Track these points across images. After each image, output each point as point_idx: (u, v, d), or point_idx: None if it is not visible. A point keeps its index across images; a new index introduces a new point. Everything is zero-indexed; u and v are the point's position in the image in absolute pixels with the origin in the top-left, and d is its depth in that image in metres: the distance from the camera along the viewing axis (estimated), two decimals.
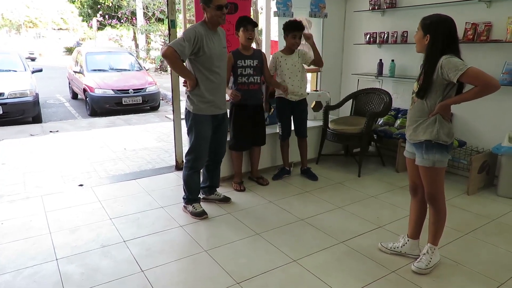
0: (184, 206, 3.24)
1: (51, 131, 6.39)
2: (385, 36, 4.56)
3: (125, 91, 8.42)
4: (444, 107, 2.17)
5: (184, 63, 2.89)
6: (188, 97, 2.99)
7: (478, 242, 2.78)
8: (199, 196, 3.24)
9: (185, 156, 3.13)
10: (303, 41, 3.71)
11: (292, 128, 3.95)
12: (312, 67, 3.94)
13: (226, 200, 3.42)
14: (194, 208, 3.14)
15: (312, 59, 3.75)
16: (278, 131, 3.93)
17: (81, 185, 3.86)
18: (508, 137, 3.51)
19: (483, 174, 3.71)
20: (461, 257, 2.58)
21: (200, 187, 3.30)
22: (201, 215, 3.11)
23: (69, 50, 25.59)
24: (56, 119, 7.95)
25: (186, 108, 3.04)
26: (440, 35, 2.11)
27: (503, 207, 3.35)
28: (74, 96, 10.28)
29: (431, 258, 2.39)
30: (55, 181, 3.98)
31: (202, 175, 3.34)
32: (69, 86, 10.54)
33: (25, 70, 8.25)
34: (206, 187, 3.40)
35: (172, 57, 2.73)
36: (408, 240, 2.56)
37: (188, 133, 3.06)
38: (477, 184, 3.68)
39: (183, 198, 3.23)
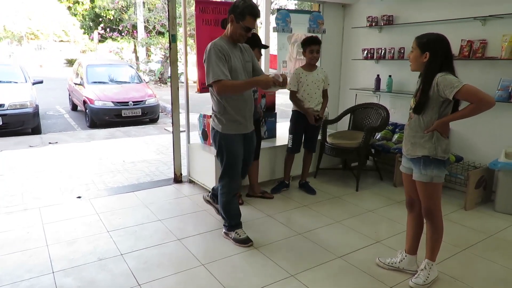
0: (225, 233, 3.03)
1: (50, 143, 6.40)
2: (383, 52, 4.63)
3: (125, 103, 8.47)
4: (442, 124, 2.20)
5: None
6: (215, 116, 2.81)
7: (476, 258, 2.78)
8: (241, 220, 3.02)
9: (219, 182, 2.93)
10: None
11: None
12: None
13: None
14: (237, 234, 2.93)
15: (326, 87, 3.88)
16: (287, 143, 3.94)
17: (79, 197, 3.86)
18: (505, 153, 3.54)
19: (480, 190, 3.73)
20: (459, 273, 2.57)
21: (212, 189, 3.23)
22: (246, 242, 2.89)
23: (70, 62, 25.77)
24: (55, 130, 7.97)
25: (213, 128, 2.83)
26: (439, 53, 2.17)
27: (501, 222, 3.36)
28: (74, 107, 10.32)
29: (428, 274, 2.39)
30: (53, 193, 3.97)
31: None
32: (69, 98, 10.60)
33: (26, 81, 8.31)
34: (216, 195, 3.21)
35: (227, 88, 2.60)
36: (406, 256, 2.56)
37: (218, 154, 2.87)
38: (475, 199, 3.69)
39: (224, 225, 3.03)
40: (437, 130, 2.21)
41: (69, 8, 21.07)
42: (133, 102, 8.55)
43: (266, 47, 3.66)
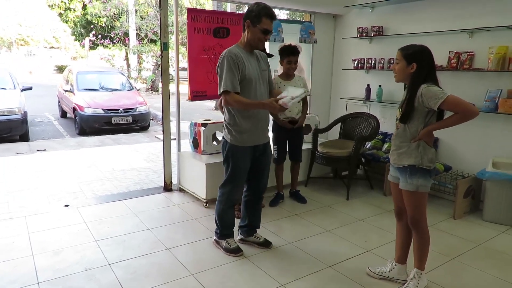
0: (215, 240, 2.99)
1: (38, 150, 6.30)
2: (373, 62, 4.69)
3: (115, 110, 8.41)
4: (427, 133, 2.24)
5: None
6: (225, 126, 2.75)
7: (465, 267, 2.80)
8: (233, 230, 2.97)
9: (220, 189, 2.87)
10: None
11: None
12: None
13: (267, 244, 3.00)
14: (228, 244, 2.89)
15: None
16: (273, 154, 3.91)
17: (66, 205, 3.80)
18: (492, 162, 3.59)
19: (469, 199, 3.77)
20: (448, 282, 2.58)
21: (239, 227, 3.07)
22: (236, 252, 2.85)
23: (60, 69, 25.57)
24: (44, 137, 7.87)
25: (223, 137, 2.81)
26: (425, 63, 2.21)
27: (489, 231, 3.39)
28: (63, 114, 10.21)
29: (418, 283, 2.39)
30: (40, 201, 3.90)
31: (241, 212, 3.05)
32: (59, 105, 10.49)
33: (14, 88, 8.21)
34: (244, 227, 3.03)
35: (233, 102, 2.55)
36: (395, 265, 2.56)
37: (224, 163, 2.81)
38: (463, 208, 3.73)
39: (215, 232, 2.97)
40: (422, 139, 2.24)
41: (60, 14, 21.02)
42: (123, 109, 8.49)
43: (271, 55, 3.54)
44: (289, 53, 3.61)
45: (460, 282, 2.60)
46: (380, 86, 4.61)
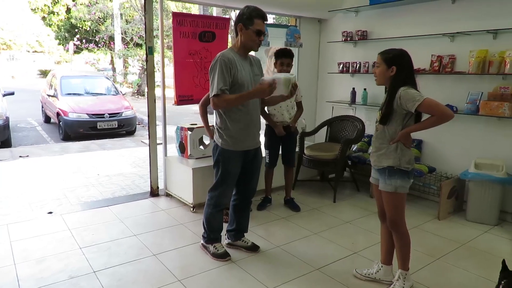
0: (202, 245, 2.97)
1: (20, 156, 6.17)
2: (357, 66, 4.75)
3: (101, 115, 8.31)
4: (405, 135, 2.29)
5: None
6: (217, 130, 2.73)
7: (450, 267, 2.84)
8: (221, 235, 2.96)
9: (209, 192, 2.85)
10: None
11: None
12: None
13: (254, 248, 3.00)
14: (215, 248, 2.87)
15: (299, 100, 3.87)
16: (265, 158, 3.90)
17: (50, 212, 3.72)
18: (474, 163, 3.66)
19: (453, 199, 3.83)
20: (433, 282, 2.62)
21: (226, 230, 3.05)
22: (224, 256, 2.84)
23: (44, 73, 25.14)
24: (26, 143, 7.71)
25: (214, 141, 2.78)
26: (405, 66, 2.27)
27: (472, 231, 3.46)
28: (47, 120, 10.04)
29: (404, 284, 2.42)
30: (22, 209, 3.81)
31: (229, 216, 3.05)
32: (42, 110, 10.31)
33: None
34: (232, 231, 3.02)
35: (221, 103, 2.53)
36: (381, 266, 2.59)
37: (214, 166, 2.79)
38: (447, 209, 3.79)
39: (203, 236, 2.95)
40: (401, 140, 2.28)
41: (43, 18, 20.70)
42: (109, 114, 8.40)
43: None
44: (282, 55, 3.63)
45: (444, 282, 2.64)
46: (365, 89, 4.66)
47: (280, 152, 3.93)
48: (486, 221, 3.58)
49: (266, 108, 3.76)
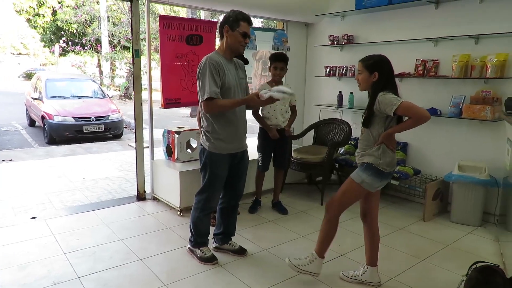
0: (189, 249, 2.94)
1: (3, 160, 6.05)
2: (344, 70, 4.80)
3: (87, 118, 8.22)
4: (387, 136, 2.34)
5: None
6: (204, 133, 2.72)
7: (434, 267, 2.88)
8: (208, 239, 2.94)
9: (196, 196, 2.83)
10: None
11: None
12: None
13: (242, 252, 3.00)
14: (202, 252, 2.85)
15: (293, 104, 3.89)
16: (257, 161, 3.89)
17: (34, 217, 3.65)
18: (458, 165, 3.73)
19: (437, 201, 3.89)
20: (419, 283, 2.65)
21: (214, 234, 3.04)
22: (211, 260, 2.82)
23: (29, 76, 24.72)
24: (10, 147, 7.56)
25: (201, 144, 2.77)
26: (385, 72, 2.35)
27: (456, 232, 3.51)
28: (32, 123, 9.87)
29: (307, 264, 2.53)
30: (5, 214, 3.73)
31: (216, 220, 3.03)
32: (27, 113, 10.13)
33: None
34: (219, 235, 3.01)
35: (215, 108, 2.54)
36: (367, 268, 2.61)
37: (201, 170, 2.77)
38: (432, 210, 3.85)
39: (190, 240, 2.93)
40: (384, 142, 2.34)
41: (28, 20, 20.36)
42: (95, 117, 8.31)
43: (246, 61, 3.55)
44: (275, 59, 3.64)
45: (430, 283, 2.68)
46: (351, 93, 4.72)
47: (273, 155, 3.94)
48: (470, 222, 3.65)
49: (260, 111, 3.77)
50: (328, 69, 4.97)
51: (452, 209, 3.78)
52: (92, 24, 16.12)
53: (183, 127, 4.07)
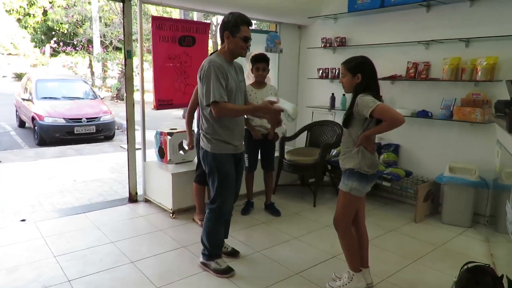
0: (202, 263, 2.79)
1: None
2: (336, 72, 4.82)
3: (78, 120, 8.14)
4: (365, 138, 2.37)
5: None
6: (204, 135, 2.65)
7: (426, 268, 2.90)
8: (221, 250, 2.85)
9: (209, 205, 2.70)
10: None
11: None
12: None
13: (234, 254, 2.99)
14: (218, 264, 2.72)
15: None
16: (244, 162, 3.88)
17: (23, 220, 3.60)
18: (449, 167, 3.77)
19: (429, 203, 3.92)
20: (410, 284, 2.67)
21: None
22: (227, 272, 2.70)
23: (19, 76, 24.42)
24: None
25: (202, 148, 2.67)
26: (368, 73, 2.36)
27: (447, 233, 3.54)
28: (21, 124, 9.75)
29: (348, 283, 2.47)
30: None
31: None
32: (16, 114, 10.01)
33: None
34: None
35: (227, 111, 2.50)
36: (353, 275, 2.58)
37: (209, 176, 2.66)
38: (424, 212, 3.87)
39: (202, 253, 2.79)
40: (362, 144, 2.36)
41: (19, 20, 20.14)
42: (86, 118, 8.24)
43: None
44: (256, 60, 3.65)
45: (421, 283, 2.69)
46: (344, 95, 4.73)
47: (260, 156, 3.94)
48: (461, 224, 3.68)
49: None
50: (320, 71, 4.98)
51: (443, 210, 3.81)
52: (83, 24, 16.00)
53: (176, 129, 4.05)
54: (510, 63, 3.48)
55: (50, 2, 17.27)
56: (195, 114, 3.53)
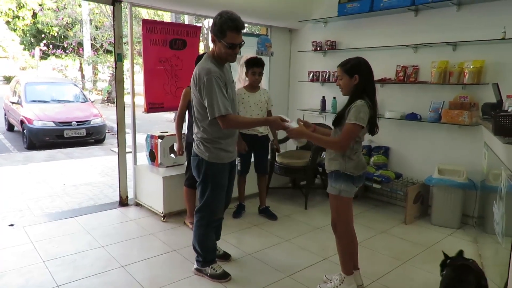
0: (197, 269, 2.75)
1: None
2: (327, 75, 4.86)
3: (68, 123, 8.06)
4: (299, 133, 2.40)
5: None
6: (200, 143, 2.53)
7: (416, 270, 2.93)
8: (216, 254, 2.81)
9: (198, 213, 2.64)
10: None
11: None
12: None
13: (226, 257, 2.98)
14: (213, 270, 2.68)
15: (269, 109, 3.82)
16: (236, 166, 3.87)
17: (11, 225, 3.55)
18: (438, 169, 3.82)
19: (418, 204, 3.97)
20: (401, 285, 2.69)
21: None
22: (224, 277, 2.67)
23: (8, 79, 24.10)
24: None
25: (196, 155, 2.56)
26: (365, 74, 2.35)
27: (437, 235, 3.58)
28: (10, 128, 9.62)
29: (337, 286, 2.49)
30: None
31: None
32: (5, 118, 9.87)
33: None
34: None
35: (234, 124, 2.45)
36: (344, 277, 2.60)
37: (201, 184, 2.59)
38: (413, 213, 3.91)
39: (197, 260, 2.74)
40: (291, 136, 2.42)
41: (7, 22, 19.88)
42: (77, 122, 8.15)
43: None
44: (253, 64, 3.59)
45: (411, 284, 2.72)
46: (334, 97, 4.77)
47: (252, 160, 3.94)
48: (450, 225, 3.73)
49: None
50: (311, 74, 5.02)
51: (432, 212, 3.86)
52: (73, 27, 15.86)
53: (167, 132, 4.04)
54: (496, 66, 3.55)
55: (39, 5, 17.08)
56: (186, 118, 3.53)
